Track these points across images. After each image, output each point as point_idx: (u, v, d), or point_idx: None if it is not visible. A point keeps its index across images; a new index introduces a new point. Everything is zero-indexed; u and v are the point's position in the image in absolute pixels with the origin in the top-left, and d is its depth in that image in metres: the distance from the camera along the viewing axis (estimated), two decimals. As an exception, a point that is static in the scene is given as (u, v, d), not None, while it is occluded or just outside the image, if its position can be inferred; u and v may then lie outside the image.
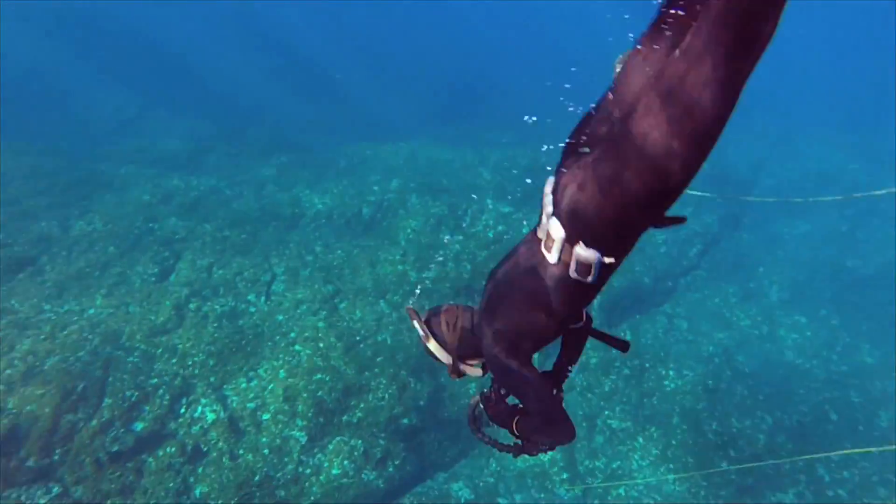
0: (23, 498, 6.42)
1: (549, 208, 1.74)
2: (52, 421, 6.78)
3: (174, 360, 7.44)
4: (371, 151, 14.29)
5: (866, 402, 8.86)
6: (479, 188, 12.55)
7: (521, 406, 2.16)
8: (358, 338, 8.09)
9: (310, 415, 7.25)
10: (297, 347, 7.90)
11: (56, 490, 6.55)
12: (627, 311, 10.42)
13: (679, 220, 1.69)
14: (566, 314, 1.87)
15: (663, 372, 9.21)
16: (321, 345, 7.92)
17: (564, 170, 1.75)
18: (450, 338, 2.10)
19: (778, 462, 7.37)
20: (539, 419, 2.01)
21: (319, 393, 7.41)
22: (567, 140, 1.84)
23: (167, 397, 7.08)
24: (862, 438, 8.18)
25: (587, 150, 1.71)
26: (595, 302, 9.48)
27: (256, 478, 6.80)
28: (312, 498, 6.81)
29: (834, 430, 8.34)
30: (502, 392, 2.19)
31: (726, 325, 10.52)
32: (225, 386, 7.44)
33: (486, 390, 2.27)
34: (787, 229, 13.54)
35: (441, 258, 9.59)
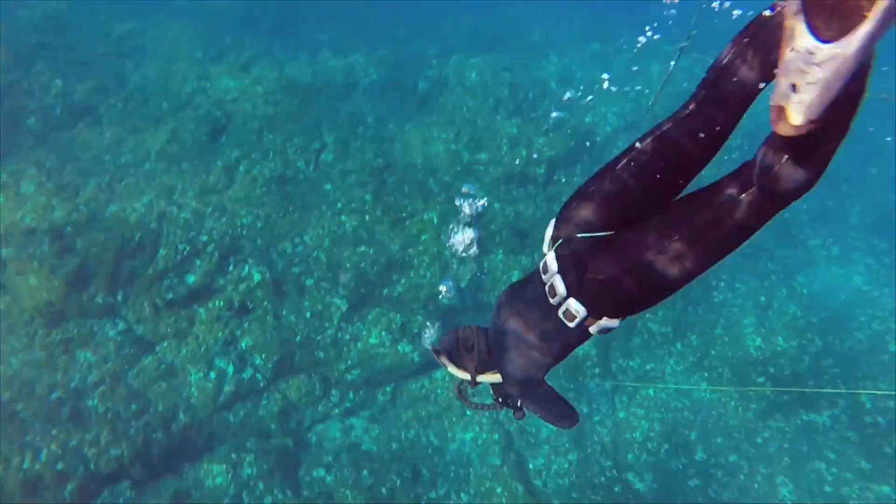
0: (95, 329, 7.07)
1: (560, 288, 1.85)
2: (115, 264, 7.22)
3: (224, 220, 7.61)
4: (431, 21, 13.24)
5: (936, 339, 8.28)
6: (545, 71, 11.58)
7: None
8: (405, 214, 7.98)
9: (352, 285, 7.41)
10: (343, 218, 7.90)
11: (122, 326, 7.15)
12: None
13: None
14: (580, 344, 2.08)
15: (713, 282, 8.82)
16: (367, 217, 7.89)
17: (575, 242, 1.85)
18: (467, 358, 2.33)
19: (820, 391, 7.10)
20: (550, 417, 2.35)
21: (362, 265, 7.50)
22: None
23: (216, 254, 7.34)
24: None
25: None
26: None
27: (298, 338, 7.17)
28: (349, 362, 7.17)
29: (889, 361, 7.92)
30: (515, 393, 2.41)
31: (791, 243, 9.80)
32: (271, 249, 7.62)
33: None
34: (889, 141, 12.00)
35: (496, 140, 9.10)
